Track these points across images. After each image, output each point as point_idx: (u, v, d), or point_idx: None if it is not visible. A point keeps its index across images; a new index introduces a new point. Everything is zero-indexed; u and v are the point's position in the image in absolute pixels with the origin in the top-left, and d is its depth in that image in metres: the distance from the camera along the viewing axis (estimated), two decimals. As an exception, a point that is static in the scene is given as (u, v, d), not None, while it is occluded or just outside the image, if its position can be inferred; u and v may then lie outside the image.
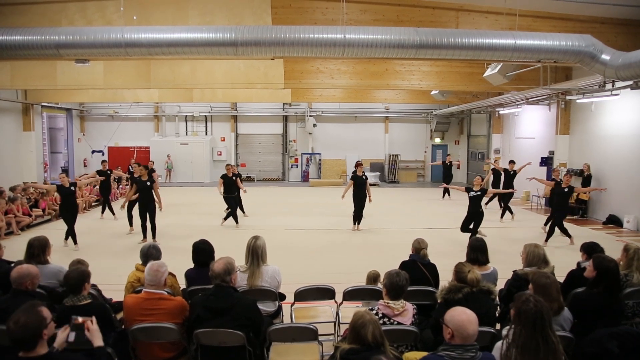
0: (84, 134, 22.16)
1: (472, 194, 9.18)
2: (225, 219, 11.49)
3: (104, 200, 13.00)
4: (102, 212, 12.84)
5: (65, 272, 3.70)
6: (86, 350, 3.29)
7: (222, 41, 7.05)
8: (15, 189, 12.29)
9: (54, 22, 8.09)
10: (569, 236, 9.66)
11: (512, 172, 12.98)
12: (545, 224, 10.71)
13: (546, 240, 9.56)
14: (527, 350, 2.49)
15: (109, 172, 13.21)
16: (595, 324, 3.38)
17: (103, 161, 13.88)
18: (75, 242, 9.30)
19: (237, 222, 11.41)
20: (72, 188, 9.34)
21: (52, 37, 7.00)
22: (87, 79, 11.81)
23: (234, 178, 11.59)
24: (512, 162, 13.33)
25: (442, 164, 17.53)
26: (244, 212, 12.73)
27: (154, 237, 9.63)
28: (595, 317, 3.50)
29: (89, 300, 3.50)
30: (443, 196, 17.02)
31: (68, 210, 9.34)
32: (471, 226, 9.35)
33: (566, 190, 9.43)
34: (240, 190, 11.84)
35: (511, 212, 12.68)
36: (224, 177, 11.46)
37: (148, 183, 9.51)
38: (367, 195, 10.90)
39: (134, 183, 9.73)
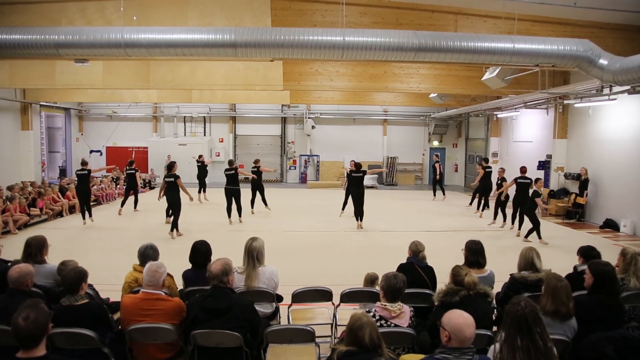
0: (82, 134, 22.12)
1: (520, 181, 10.83)
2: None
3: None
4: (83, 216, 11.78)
5: (64, 272, 3.69)
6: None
7: (221, 42, 7.06)
8: (13, 188, 12.27)
9: (54, 22, 8.13)
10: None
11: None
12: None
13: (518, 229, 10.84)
14: (517, 352, 2.50)
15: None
16: (596, 328, 3.37)
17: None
18: None
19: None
20: None
21: (52, 37, 7.02)
22: (86, 79, 11.82)
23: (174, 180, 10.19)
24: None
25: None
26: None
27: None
28: (596, 322, 3.50)
29: (86, 300, 3.50)
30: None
31: None
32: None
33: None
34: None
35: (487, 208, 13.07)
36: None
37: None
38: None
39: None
